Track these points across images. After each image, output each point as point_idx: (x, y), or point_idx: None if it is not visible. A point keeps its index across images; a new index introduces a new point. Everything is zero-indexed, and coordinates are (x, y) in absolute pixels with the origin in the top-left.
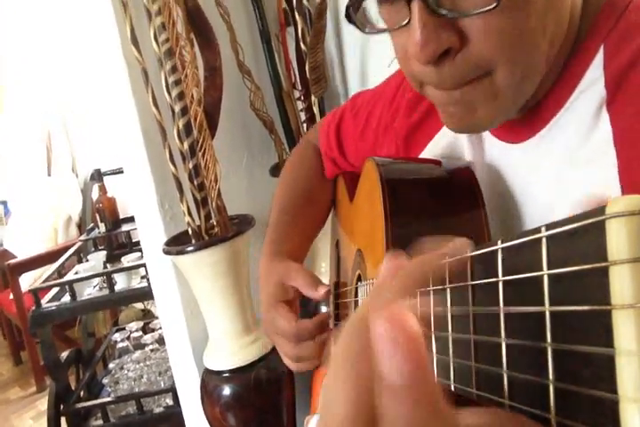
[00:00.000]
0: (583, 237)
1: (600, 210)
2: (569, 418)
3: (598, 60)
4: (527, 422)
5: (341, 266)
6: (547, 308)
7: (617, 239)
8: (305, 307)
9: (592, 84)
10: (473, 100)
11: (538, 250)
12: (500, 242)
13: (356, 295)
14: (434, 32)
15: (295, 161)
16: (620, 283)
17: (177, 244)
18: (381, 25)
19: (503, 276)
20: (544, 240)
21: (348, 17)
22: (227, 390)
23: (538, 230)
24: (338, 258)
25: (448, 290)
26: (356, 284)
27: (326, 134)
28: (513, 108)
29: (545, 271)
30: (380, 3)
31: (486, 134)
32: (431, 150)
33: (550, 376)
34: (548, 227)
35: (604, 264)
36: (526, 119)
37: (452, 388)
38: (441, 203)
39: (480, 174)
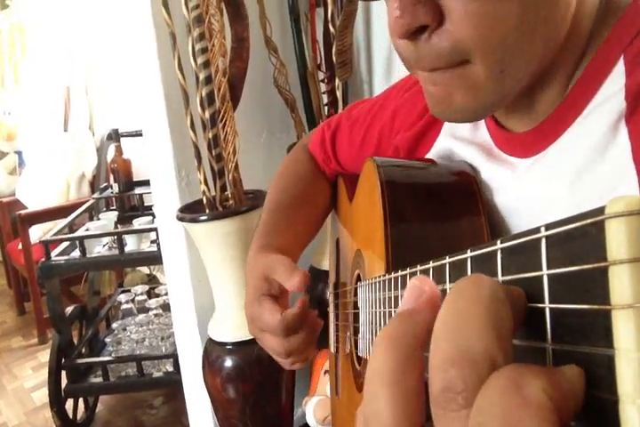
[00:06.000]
0: (582, 237)
1: (599, 210)
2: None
3: (618, 70)
4: None
5: (341, 265)
6: (546, 308)
7: (616, 239)
8: (312, 292)
9: (611, 95)
10: (451, 85)
11: (537, 250)
12: (499, 242)
13: (356, 295)
14: (411, 6)
15: (289, 166)
16: (619, 283)
17: (191, 211)
18: None
19: (503, 276)
20: (543, 240)
21: None
22: (229, 362)
23: (537, 230)
24: (337, 257)
25: (448, 290)
26: (356, 284)
27: (321, 143)
28: (494, 102)
29: (544, 271)
30: None
31: (492, 147)
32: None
33: None
34: (548, 227)
35: (603, 264)
36: (537, 132)
37: None
38: (440, 203)
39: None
